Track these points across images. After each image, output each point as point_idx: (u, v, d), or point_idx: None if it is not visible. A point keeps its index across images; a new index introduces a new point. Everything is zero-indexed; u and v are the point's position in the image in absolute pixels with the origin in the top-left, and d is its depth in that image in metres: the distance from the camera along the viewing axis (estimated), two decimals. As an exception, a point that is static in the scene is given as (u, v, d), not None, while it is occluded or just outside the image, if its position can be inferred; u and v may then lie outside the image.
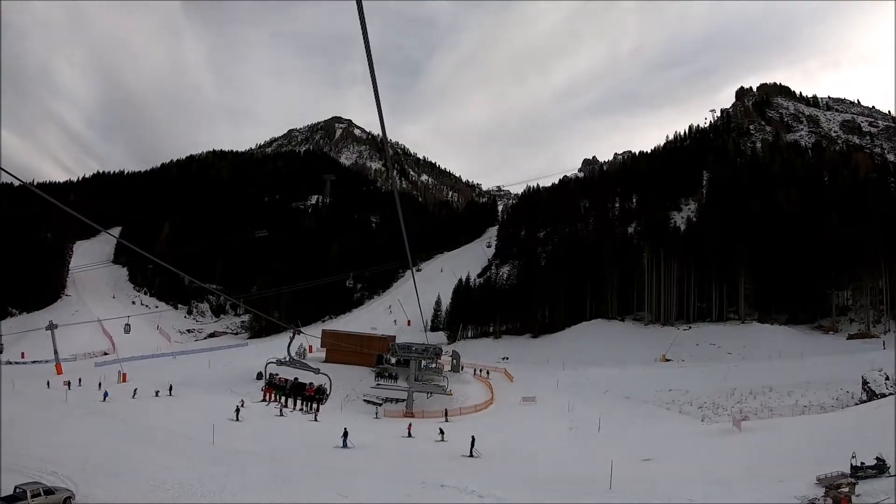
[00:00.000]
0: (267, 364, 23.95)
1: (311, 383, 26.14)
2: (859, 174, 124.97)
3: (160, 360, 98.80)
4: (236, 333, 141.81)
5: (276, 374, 26.37)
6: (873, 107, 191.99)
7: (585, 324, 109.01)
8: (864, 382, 53.78)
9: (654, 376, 76.34)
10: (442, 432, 48.60)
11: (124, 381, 77.98)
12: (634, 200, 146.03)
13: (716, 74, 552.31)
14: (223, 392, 68.46)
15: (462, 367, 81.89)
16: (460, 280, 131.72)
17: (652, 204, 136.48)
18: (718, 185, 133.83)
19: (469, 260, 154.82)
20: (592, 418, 55.92)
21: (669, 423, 55.08)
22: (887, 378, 52.94)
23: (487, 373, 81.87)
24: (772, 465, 31.11)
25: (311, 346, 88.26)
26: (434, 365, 72.54)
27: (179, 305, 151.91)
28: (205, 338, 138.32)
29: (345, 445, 42.65)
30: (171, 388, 66.33)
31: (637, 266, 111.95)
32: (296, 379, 26.45)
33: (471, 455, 40.47)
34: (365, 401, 67.80)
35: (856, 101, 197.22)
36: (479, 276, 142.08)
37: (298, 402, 26.70)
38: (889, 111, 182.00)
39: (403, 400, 66.56)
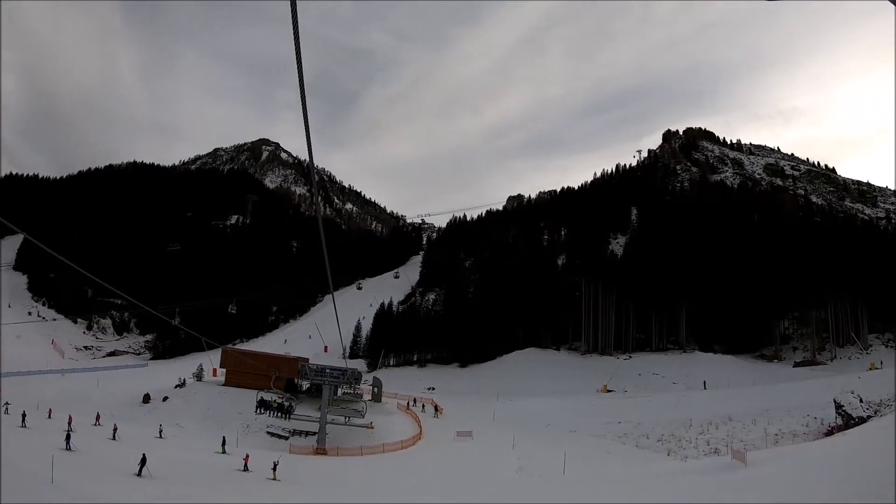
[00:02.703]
0: None
1: None
2: (786, 213, 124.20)
3: (46, 377, 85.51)
4: (138, 353, 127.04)
5: None
6: (792, 154, 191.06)
7: (517, 353, 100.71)
8: (839, 406, 47.46)
9: (599, 408, 68.06)
10: (275, 467, 35.09)
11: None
12: (563, 233, 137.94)
13: (640, 122, 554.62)
14: (105, 416, 54.76)
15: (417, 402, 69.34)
16: (382, 305, 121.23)
17: (581, 237, 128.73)
18: (649, 219, 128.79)
19: (392, 287, 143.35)
20: (542, 456, 46.26)
21: (638, 460, 45.52)
22: (861, 400, 47.67)
23: (424, 406, 68.38)
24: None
25: (214, 370, 74.98)
26: (352, 391, 59.94)
27: (79, 320, 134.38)
28: (104, 356, 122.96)
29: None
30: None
31: (571, 294, 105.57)
32: None
33: (139, 474, 30.03)
34: (268, 433, 54.37)
35: (776, 149, 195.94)
36: (402, 303, 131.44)
37: None
38: (807, 158, 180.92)
39: (315, 433, 53.33)
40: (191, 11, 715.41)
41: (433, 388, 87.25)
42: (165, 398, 65.38)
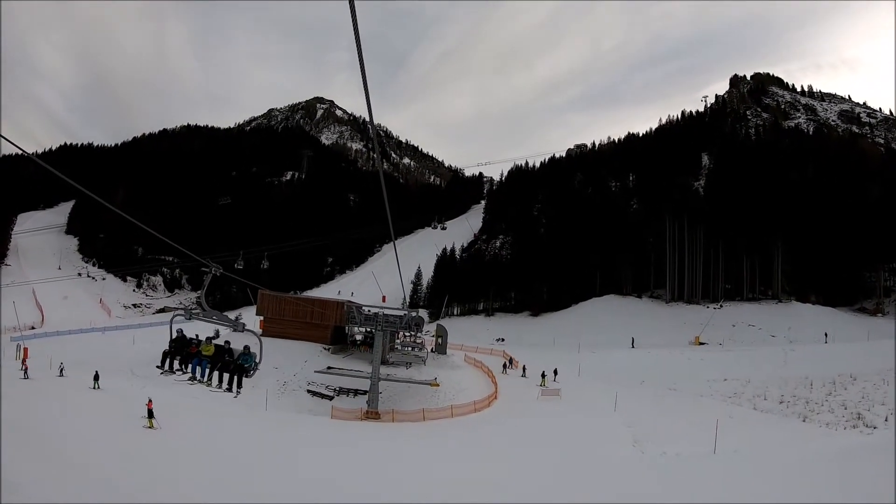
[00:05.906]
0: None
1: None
2: (867, 160, 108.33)
3: (86, 336, 76.27)
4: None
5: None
6: (864, 102, 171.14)
7: (595, 300, 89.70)
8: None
9: (696, 362, 56.89)
10: (150, 414, 27.41)
11: (25, 357, 54.05)
12: (632, 179, 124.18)
13: (696, 74, 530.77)
14: (120, 374, 44.70)
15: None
16: (444, 250, 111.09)
17: (655, 179, 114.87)
18: (725, 164, 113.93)
19: (454, 236, 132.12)
20: (653, 422, 34.89)
21: (776, 427, 34.94)
22: None
23: (525, 369, 54.46)
24: None
25: (261, 321, 64.56)
26: (413, 341, 48.66)
27: (129, 278, 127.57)
28: (153, 313, 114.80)
29: None
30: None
31: (650, 238, 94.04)
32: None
33: None
34: (309, 392, 42.97)
35: (847, 97, 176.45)
36: (465, 250, 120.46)
37: None
38: (880, 108, 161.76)
39: (365, 392, 41.29)
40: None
41: (503, 339, 77.54)
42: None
